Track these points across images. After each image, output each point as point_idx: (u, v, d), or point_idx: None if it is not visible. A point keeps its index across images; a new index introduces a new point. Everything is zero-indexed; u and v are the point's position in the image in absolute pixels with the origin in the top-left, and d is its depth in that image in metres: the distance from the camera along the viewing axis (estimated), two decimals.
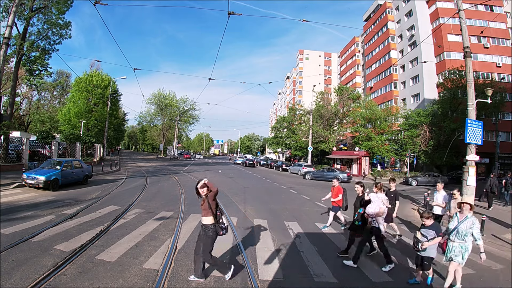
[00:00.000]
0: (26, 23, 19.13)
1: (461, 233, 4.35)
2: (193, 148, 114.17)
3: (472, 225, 4.32)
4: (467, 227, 4.32)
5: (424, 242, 4.43)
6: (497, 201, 14.85)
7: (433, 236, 4.43)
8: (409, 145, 30.53)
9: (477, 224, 4.35)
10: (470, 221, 4.36)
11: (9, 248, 4.96)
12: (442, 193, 7.46)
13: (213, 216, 4.13)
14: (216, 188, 4.16)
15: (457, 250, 4.37)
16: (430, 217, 4.60)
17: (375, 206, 5.44)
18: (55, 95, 48.16)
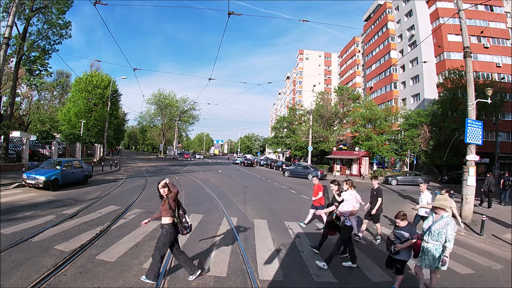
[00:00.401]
0: (26, 23, 19.13)
1: (433, 233, 4.07)
2: (193, 148, 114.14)
3: (446, 225, 4.04)
4: (441, 227, 4.05)
5: (397, 244, 4.22)
6: (496, 200, 14.92)
7: (407, 238, 4.21)
8: (409, 145, 30.52)
9: (452, 224, 4.03)
10: (444, 221, 4.08)
11: (9, 248, 4.96)
12: (426, 193, 7.22)
13: (172, 216, 4.14)
14: (176, 189, 4.24)
15: (431, 252, 4.08)
16: (404, 218, 4.37)
17: (348, 204, 5.31)
18: (55, 95, 48.18)
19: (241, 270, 4.81)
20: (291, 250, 6.01)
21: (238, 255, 5.45)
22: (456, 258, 6.16)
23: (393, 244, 4.26)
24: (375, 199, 7.07)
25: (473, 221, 9.47)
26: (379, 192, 7.11)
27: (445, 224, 4.04)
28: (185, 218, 4.21)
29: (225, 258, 5.28)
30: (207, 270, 4.70)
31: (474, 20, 33.58)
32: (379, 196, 7.04)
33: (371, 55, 48.00)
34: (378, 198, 7.01)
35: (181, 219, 4.17)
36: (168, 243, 4.14)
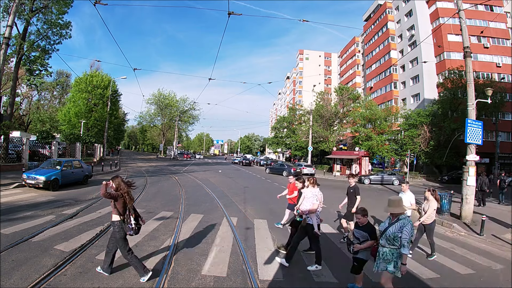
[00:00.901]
0: (26, 23, 19.13)
1: (388, 236, 3.69)
2: (193, 148, 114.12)
3: (401, 228, 3.62)
4: (396, 230, 3.65)
5: (356, 245, 4.02)
6: (496, 201, 14.99)
7: (366, 239, 3.99)
8: (409, 145, 30.53)
9: (408, 227, 3.60)
10: (400, 224, 3.67)
11: (9, 248, 4.96)
12: (408, 194, 6.97)
13: (119, 215, 4.20)
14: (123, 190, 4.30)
15: (388, 257, 3.69)
16: (365, 214, 4.10)
17: (308, 202, 5.19)
18: (55, 95, 48.19)
19: (241, 270, 4.81)
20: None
21: (238, 255, 5.45)
22: (456, 258, 6.17)
23: (352, 244, 4.10)
24: (353, 197, 6.91)
25: (473, 221, 9.47)
26: (356, 190, 6.95)
27: (400, 227, 3.64)
28: (130, 219, 4.20)
29: (225, 258, 5.28)
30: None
31: (474, 20, 33.59)
32: (357, 194, 6.88)
33: (371, 55, 48.00)
34: (357, 196, 6.85)
35: (126, 219, 4.19)
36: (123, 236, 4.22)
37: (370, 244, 3.95)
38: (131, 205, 4.29)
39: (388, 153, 32.72)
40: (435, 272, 5.24)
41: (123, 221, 4.18)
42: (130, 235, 4.24)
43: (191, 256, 5.24)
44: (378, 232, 3.98)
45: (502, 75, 32.66)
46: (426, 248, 6.47)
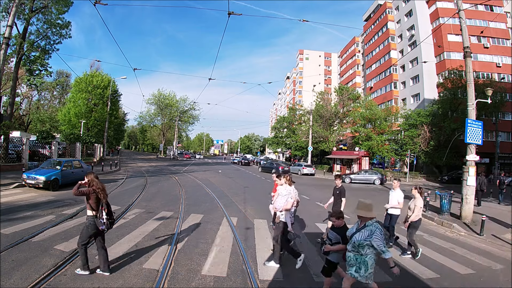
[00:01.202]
0: (26, 23, 19.14)
1: (354, 243, 3.50)
2: (193, 148, 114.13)
3: (370, 235, 3.42)
4: (363, 238, 3.45)
5: (327, 245, 3.88)
6: (494, 200, 15.05)
7: (338, 241, 3.84)
8: (409, 145, 30.53)
9: (377, 234, 3.40)
10: (367, 231, 3.47)
11: (9, 248, 4.96)
12: (398, 191, 6.74)
13: (92, 210, 4.32)
14: (96, 187, 4.35)
15: (352, 261, 3.53)
16: (340, 217, 3.96)
17: (282, 200, 5.13)
18: (55, 95, 48.19)
19: (241, 270, 4.81)
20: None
21: (238, 255, 5.45)
22: (456, 258, 6.17)
23: (324, 244, 4.00)
24: (338, 199, 6.82)
25: (473, 221, 9.48)
26: (342, 191, 6.85)
27: (368, 234, 3.44)
28: (102, 214, 4.28)
29: (225, 258, 5.28)
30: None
31: (474, 20, 33.58)
32: (343, 196, 6.79)
33: (371, 55, 48.00)
34: (342, 198, 6.76)
35: (98, 214, 4.28)
36: (90, 233, 4.28)
37: (340, 248, 3.79)
38: (105, 200, 4.37)
39: (388, 153, 32.71)
40: (435, 272, 5.25)
41: (96, 216, 4.28)
42: (103, 230, 4.31)
43: (191, 256, 5.24)
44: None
45: (502, 75, 32.65)
46: (422, 246, 6.45)
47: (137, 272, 4.47)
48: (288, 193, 5.23)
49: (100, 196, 4.30)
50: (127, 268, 4.59)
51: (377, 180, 23.97)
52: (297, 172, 30.48)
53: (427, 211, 10.97)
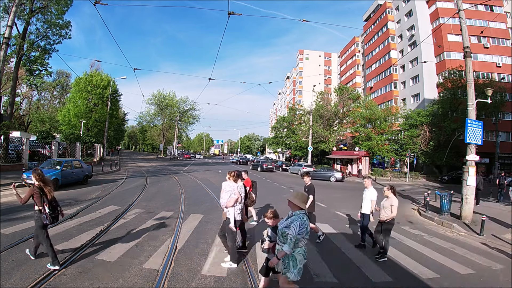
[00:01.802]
0: (26, 23, 19.15)
1: (281, 233, 3.37)
2: (193, 148, 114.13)
3: (290, 223, 3.29)
4: (284, 225, 3.34)
5: (265, 242, 3.78)
6: (493, 199, 15.08)
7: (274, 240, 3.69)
8: (409, 145, 30.55)
9: (296, 224, 3.23)
10: (291, 219, 3.33)
11: (9, 248, 4.96)
12: (371, 190, 6.52)
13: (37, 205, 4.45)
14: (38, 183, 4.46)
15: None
16: (272, 217, 3.76)
17: (225, 196, 5.09)
18: (55, 95, 48.23)
19: (241, 270, 4.81)
20: None
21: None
22: (456, 258, 6.16)
23: (263, 241, 3.90)
24: (308, 196, 6.43)
25: (473, 221, 9.48)
26: (310, 189, 6.77)
27: (290, 222, 3.32)
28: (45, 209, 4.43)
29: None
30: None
31: (474, 20, 33.59)
32: (310, 193, 6.67)
33: (371, 55, 48.01)
34: (310, 196, 6.58)
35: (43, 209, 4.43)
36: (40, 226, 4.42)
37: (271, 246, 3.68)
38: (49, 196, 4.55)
39: (388, 153, 32.73)
40: (435, 272, 5.24)
41: (40, 211, 4.43)
42: (46, 223, 4.45)
43: (191, 256, 5.24)
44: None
45: (502, 75, 32.67)
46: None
47: (137, 272, 4.46)
48: (231, 189, 5.14)
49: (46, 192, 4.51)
50: (127, 268, 4.58)
51: (333, 177, 25.20)
52: (297, 172, 30.47)
53: (427, 211, 10.97)
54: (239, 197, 5.10)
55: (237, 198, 5.07)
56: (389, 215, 5.82)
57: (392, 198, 5.91)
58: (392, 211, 5.79)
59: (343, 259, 5.66)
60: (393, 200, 5.87)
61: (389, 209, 5.83)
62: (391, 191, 5.98)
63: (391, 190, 5.98)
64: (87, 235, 6.04)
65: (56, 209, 4.63)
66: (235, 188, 5.13)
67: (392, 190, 5.99)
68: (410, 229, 8.64)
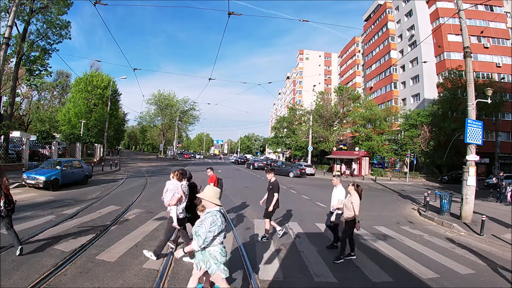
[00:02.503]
0: (26, 23, 19.15)
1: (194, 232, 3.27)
2: (193, 148, 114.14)
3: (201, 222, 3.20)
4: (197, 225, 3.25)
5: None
6: (493, 199, 15.12)
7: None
8: (409, 145, 30.55)
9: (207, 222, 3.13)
10: (203, 217, 3.24)
11: (9, 248, 4.96)
12: (339, 188, 6.38)
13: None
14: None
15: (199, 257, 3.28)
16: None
17: (169, 195, 5.15)
18: (55, 95, 48.25)
19: (241, 270, 4.81)
20: (291, 250, 6.01)
21: (238, 255, 5.45)
22: (456, 258, 6.17)
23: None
24: (271, 194, 6.50)
25: (473, 221, 9.48)
26: (274, 186, 6.52)
27: (201, 220, 3.23)
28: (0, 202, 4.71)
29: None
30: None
31: (474, 20, 33.59)
32: (275, 191, 6.46)
33: (371, 55, 48.01)
34: (275, 194, 6.43)
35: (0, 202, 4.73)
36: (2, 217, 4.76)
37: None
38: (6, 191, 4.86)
39: (388, 153, 32.74)
40: (435, 272, 5.25)
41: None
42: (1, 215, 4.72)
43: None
44: None
45: (502, 75, 32.66)
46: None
47: (137, 272, 4.47)
48: (175, 188, 5.18)
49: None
50: (127, 268, 4.58)
51: (291, 173, 26.80)
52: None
53: (427, 211, 10.97)
54: (182, 195, 5.14)
55: (181, 196, 5.12)
56: (350, 214, 5.53)
57: (353, 195, 5.63)
58: (354, 210, 5.47)
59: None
60: (354, 197, 5.58)
61: (351, 208, 5.53)
62: (354, 188, 5.71)
63: (354, 187, 5.71)
64: (87, 235, 6.04)
65: (12, 203, 4.90)
66: (179, 187, 5.18)
67: (355, 187, 5.72)
68: (410, 229, 8.64)
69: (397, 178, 30.71)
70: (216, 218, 3.17)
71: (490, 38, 33.75)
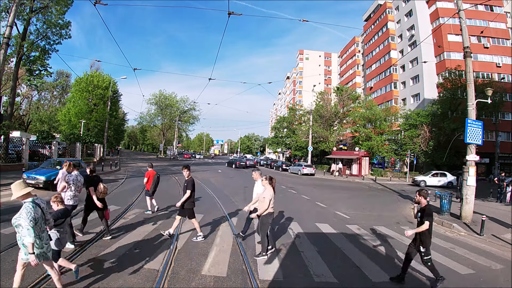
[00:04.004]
0: (26, 23, 19.15)
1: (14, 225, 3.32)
2: (193, 148, 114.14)
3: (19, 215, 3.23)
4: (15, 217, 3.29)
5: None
6: (493, 199, 15.12)
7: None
8: (409, 145, 30.55)
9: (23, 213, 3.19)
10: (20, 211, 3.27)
11: (9, 248, 4.96)
12: (258, 183, 6.15)
13: None
14: None
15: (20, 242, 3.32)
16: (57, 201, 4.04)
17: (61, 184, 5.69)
18: (55, 95, 48.25)
19: (241, 270, 4.81)
20: (291, 250, 6.01)
21: (238, 255, 5.45)
22: (456, 258, 6.16)
23: None
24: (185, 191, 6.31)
25: (473, 221, 9.47)
26: (188, 184, 6.32)
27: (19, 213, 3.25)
28: None
29: (225, 258, 5.28)
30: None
31: (474, 20, 33.58)
32: (188, 188, 6.25)
33: (371, 55, 48.00)
34: (187, 191, 6.22)
35: None
36: None
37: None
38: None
39: (388, 153, 32.73)
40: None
41: None
42: None
43: (191, 256, 5.24)
44: None
45: (502, 75, 32.65)
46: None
47: (137, 272, 4.47)
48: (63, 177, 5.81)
49: None
50: (127, 268, 4.58)
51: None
52: (297, 172, 30.49)
53: None
54: (66, 185, 5.67)
55: (64, 185, 5.66)
56: (262, 209, 5.39)
57: (267, 189, 5.46)
58: (265, 204, 5.32)
59: (343, 259, 5.65)
60: (266, 192, 5.42)
61: (263, 202, 5.39)
62: (267, 181, 5.52)
63: (267, 181, 5.52)
64: (87, 235, 6.05)
65: None
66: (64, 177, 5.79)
67: (267, 179, 5.53)
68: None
69: (397, 178, 30.70)
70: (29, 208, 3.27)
71: (490, 38, 33.74)
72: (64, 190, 5.65)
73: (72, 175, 5.83)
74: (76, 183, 5.82)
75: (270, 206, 5.44)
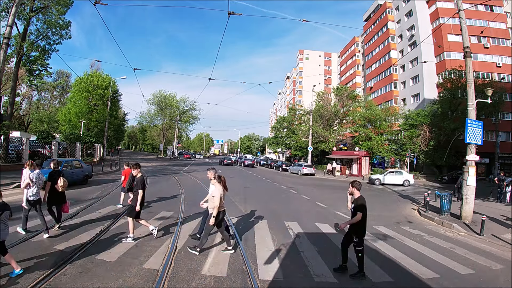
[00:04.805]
0: (26, 23, 19.15)
1: None
2: (193, 148, 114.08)
3: None
4: None
5: None
6: (493, 199, 15.14)
7: None
8: (409, 145, 30.54)
9: None
10: None
11: (9, 248, 4.95)
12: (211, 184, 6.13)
13: None
14: None
15: None
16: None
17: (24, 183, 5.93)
18: (55, 95, 48.24)
19: (241, 270, 4.81)
20: (291, 250, 6.01)
21: (238, 255, 5.45)
22: (456, 258, 6.16)
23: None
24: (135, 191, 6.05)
25: (473, 221, 9.47)
26: (137, 183, 6.06)
27: None
28: None
29: (225, 258, 5.28)
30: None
31: (474, 20, 33.59)
32: (138, 187, 5.98)
33: (371, 55, 48.01)
34: (139, 191, 5.95)
35: None
36: None
37: None
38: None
39: (388, 153, 32.73)
40: (435, 272, 5.24)
41: None
42: None
43: (191, 256, 5.24)
44: None
45: (502, 75, 32.65)
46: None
47: (137, 272, 4.47)
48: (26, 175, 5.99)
49: None
50: (127, 268, 4.58)
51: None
52: (297, 172, 30.50)
53: (427, 211, 10.97)
54: (29, 182, 5.94)
55: (28, 182, 5.93)
56: (211, 207, 5.39)
57: (216, 188, 5.42)
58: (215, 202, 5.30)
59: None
60: (215, 190, 5.39)
61: (212, 200, 5.40)
62: (216, 180, 5.47)
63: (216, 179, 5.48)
64: (87, 235, 6.05)
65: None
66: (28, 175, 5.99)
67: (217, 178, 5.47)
68: (410, 229, 8.64)
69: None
70: None
71: (490, 38, 33.75)
72: (27, 187, 5.96)
73: (34, 173, 6.12)
74: (38, 181, 6.15)
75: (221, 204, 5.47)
